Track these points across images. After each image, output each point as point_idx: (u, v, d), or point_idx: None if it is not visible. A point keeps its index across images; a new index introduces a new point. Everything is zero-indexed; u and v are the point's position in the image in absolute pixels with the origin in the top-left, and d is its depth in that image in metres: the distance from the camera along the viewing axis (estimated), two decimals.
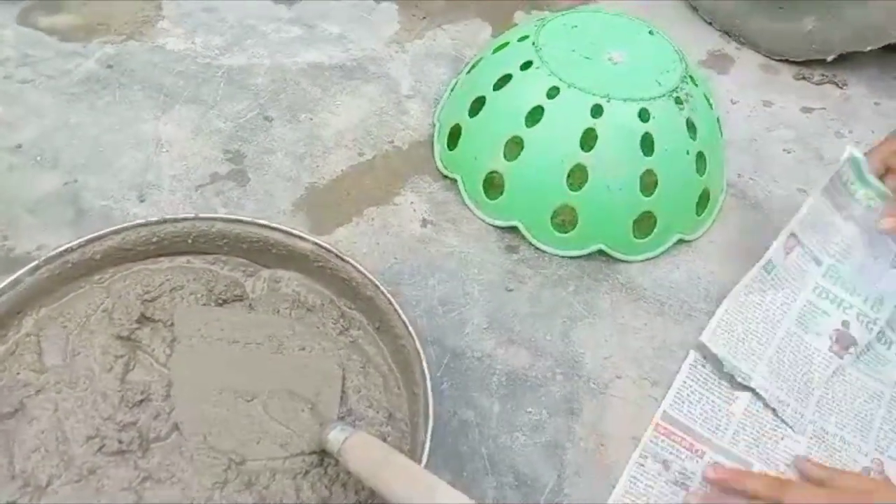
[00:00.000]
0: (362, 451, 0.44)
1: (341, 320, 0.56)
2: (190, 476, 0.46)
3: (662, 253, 0.69)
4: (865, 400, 0.61)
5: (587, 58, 0.67)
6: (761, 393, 0.60)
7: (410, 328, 0.52)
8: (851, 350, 0.62)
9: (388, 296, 0.53)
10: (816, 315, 0.63)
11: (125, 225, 0.54)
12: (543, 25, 0.69)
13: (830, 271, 0.64)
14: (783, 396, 0.60)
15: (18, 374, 0.49)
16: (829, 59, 0.89)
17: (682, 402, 0.59)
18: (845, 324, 0.63)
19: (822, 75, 0.90)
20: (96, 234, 0.53)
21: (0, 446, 0.46)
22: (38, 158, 0.69)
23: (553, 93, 0.64)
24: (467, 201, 0.70)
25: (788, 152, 0.81)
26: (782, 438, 0.58)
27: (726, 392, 0.60)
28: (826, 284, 0.64)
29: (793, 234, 0.64)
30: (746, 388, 0.60)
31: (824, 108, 0.87)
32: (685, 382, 0.61)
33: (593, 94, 0.63)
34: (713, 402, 0.60)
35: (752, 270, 0.65)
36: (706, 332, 0.63)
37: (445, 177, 0.72)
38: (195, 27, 0.83)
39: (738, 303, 0.64)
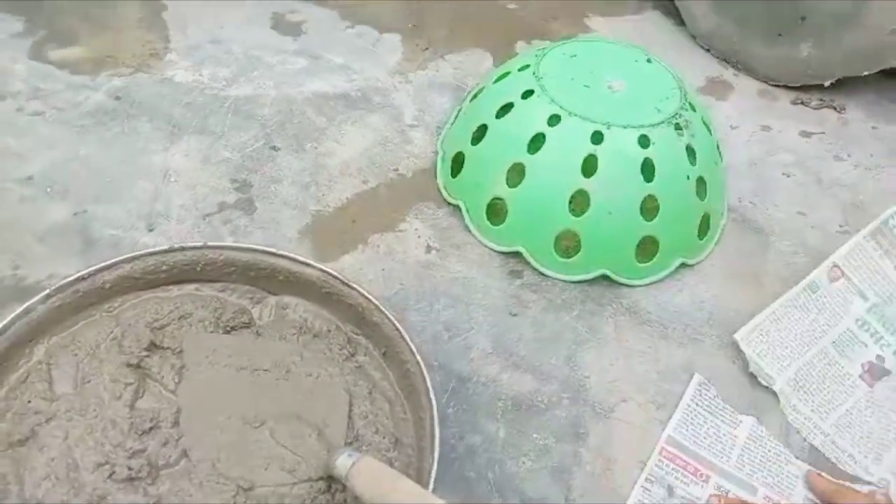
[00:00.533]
0: (369, 477, 0.44)
1: (347, 346, 0.56)
2: (199, 502, 0.46)
3: (665, 277, 0.69)
4: (885, 428, 0.61)
5: (587, 86, 0.68)
6: (780, 397, 0.61)
7: (416, 354, 0.52)
8: (883, 380, 0.63)
9: (394, 321, 0.54)
10: (854, 344, 0.64)
11: (135, 254, 0.55)
12: (544, 55, 0.70)
13: (875, 309, 0.65)
14: (801, 406, 0.61)
15: (30, 401, 0.50)
16: (827, 84, 0.90)
17: (687, 426, 0.60)
18: (880, 358, 0.64)
19: (820, 100, 0.91)
20: (106, 262, 0.54)
21: (11, 473, 0.47)
22: (49, 189, 0.70)
23: (554, 120, 0.65)
24: (471, 227, 0.71)
25: (788, 176, 0.82)
26: (787, 463, 0.58)
27: (730, 416, 0.61)
28: (869, 319, 0.65)
29: (836, 266, 0.66)
30: (750, 414, 0.61)
31: (823, 133, 0.88)
32: (689, 406, 0.61)
33: (593, 122, 0.64)
34: (718, 425, 0.60)
35: (794, 289, 0.66)
36: (741, 332, 0.64)
37: (449, 203, 0.73)
38: (202, 59, 0.85)
39: (779, 314, 0.65)
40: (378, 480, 0.44)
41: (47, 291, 0.52)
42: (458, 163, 0.72)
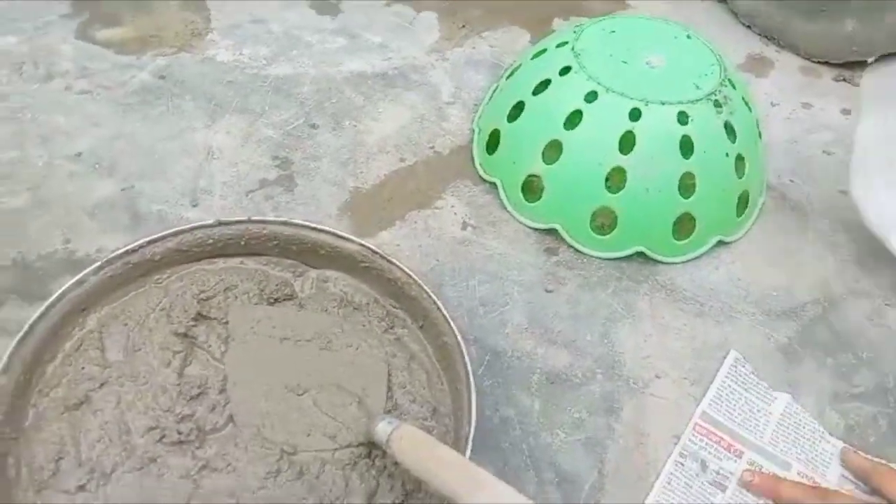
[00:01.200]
0: (409, 443, 0.45)
1: (386, 319, 0.57)
2: (244, 465, 0.48)
3: (702, 254, 0.69)
4: None
5: (625, 62, 0.68)
6: None
7: (453, 326, 0.53)
8: None
9: (432, 295, 0.55)
10: None
11: (182, 227, 0.57)
12: (582, 31, 0.70)
13: None
14: None
15: (83, 368, 0.52)
16: (871, 60, 0.88)
17: (721, 402, 0.60)
18: None
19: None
20: (156, 235, 0.56)
21: (68, 436, 0.49)
22: (97, 166, 0.72)
23: (591, 97, 0.65)
24: (507, 205, 0.72)
25: (828, 154, 0.81)
26: (822, 440, 0.58)
27: (765, 392, 0.61)
28: None
29: None
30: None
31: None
32: (724, 382, 0.61)
33: (631, 98, 0.64)
34: (752, 401, 0.60)
35: None
36: None
37: (485, 181, 0.74)
38: (243, 39, 0.86)
39: None
40: (418, 446, 0.45)
41: (99, 263, 0.54)
42: (494, 140, 0.73)
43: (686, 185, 0.65)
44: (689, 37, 0.71)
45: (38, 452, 0.48)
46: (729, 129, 0.66)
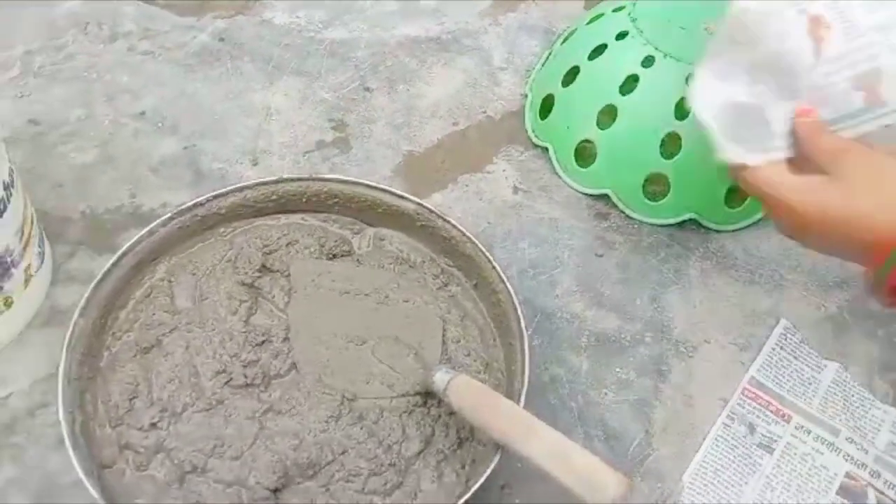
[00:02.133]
0: (467, 392, 0.47)
1: (441, 276, 0.59)
2: (307, 409, 0.51)
3: (754, 223, 0.69)
4: None
5: (682, 28, 0.67)
6: None
7: (508, 284, 0.54)
8: None
9: (487, 254, 0.56)
10: None
11: (247, 183, 0.59)
12: None
13: None
14: None
15: (154, 314, 0.55)
16: None
17: (771, 368, 0.61)
18: None
19: None
20: (221, 190, 0.58)
21: (141, 377, 0.52)
22: (160, 125, 0.74)
23: (648, 62, 0.65)
24: (558, 170, 0.72)
25: (887, 126, 0.80)
26: (871, 407, 0.59)
27: (815, 360, 0.61)
28: None
29: None
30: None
31: None
32: (774, 349, 0.62)
33: (689, 63, 0.64)
34: (801, 369, 0.61)
35: None
36: None
37: (536, 146, 0.75)
38: (298, 2, 0.87)
39: None
40: (475, 395, 0.47)
41: (169, 214, 0.57)
42: (547, 105, 0.73)
43: None
44: None
45: (113, 391, 0.51)
46: None
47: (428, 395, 0.51)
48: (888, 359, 0.62)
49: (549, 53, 0.79)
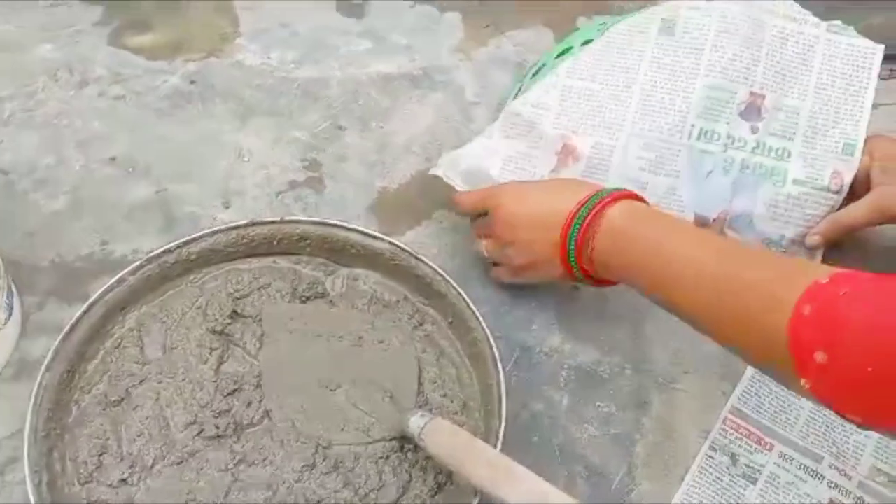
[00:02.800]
0: (442, 436, 0.46)
1: (416, 316, 0.58)
2: (280, 459, 0.50)
3: None
4: None
5: None
6: None
7: (482, 322, 0.54)
8: None
9: (461, 291, 0.56)
10: None
11: (217, 228, 0.58)
12: (606, 28, 0.71)
13: None
14: None
15: (123, 365, 0.54)
16: None
17: (751, 397, 0.60)
18: None
19: (891, 70, 0.89)
20: (192, 236, 0.58)
21: (110, 431, 0.51)
22: (131, 169, 0.74)
23: None
24: None
25: None
26: (852, 433, 0.58)
27: None
28: None
29: None
30: None
31: (893, 104, 0.86)
32: (753, 377, 0.61)
33: None
34: (782, 396, 0.60)
35: None
36: None
37: None
38: (270, 43, 0.87)
39: None
40: (451, 439, 0.46)
41: (138, 262, 0.56)
42: None
43: None
44: None
45: (81, 447, 0.50)
46: None
47: (404, 440, 0.50)
48: None
49: (520, 87, 0.79)
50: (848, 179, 0.64)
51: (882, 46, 0.67)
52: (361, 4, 0.93)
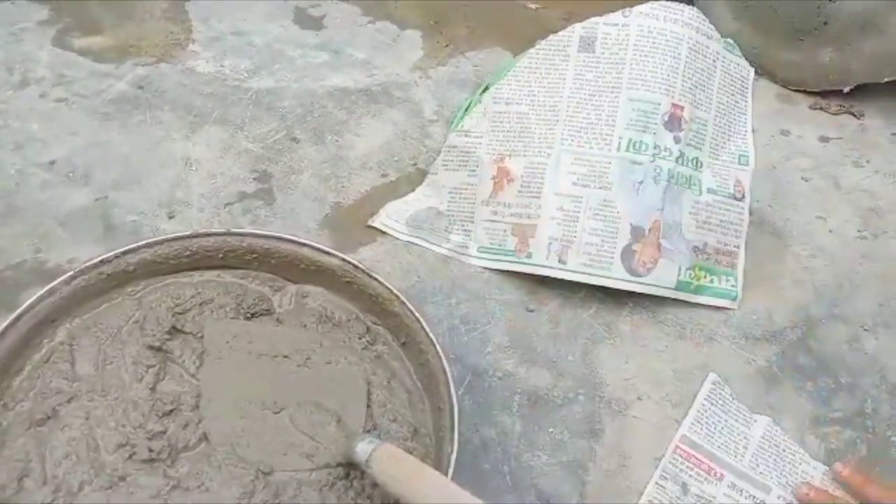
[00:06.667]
0: (389, 463, 0.44)
1: (367, 335, 0.56)
2: (218, 486, 0.47)
3: None
4: None
5: None
6: None
7: (436, 344, 0.52)
8: None
9: (415, 312, 0.54)
10: None
11: (158, 238, 0.55)
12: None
13: None
14: None
15: (51, 381, 0.50)
16: (846, 89, 0.90)
17: (702, 425, 0.60)
18: None
19: (840, 105, 0.91)
20: (130, 246, 0.55)
21: (33, 452, 0.47)
22: (71, 175, 0.71)
23: None
24: None
25: (806, 180, 0.82)
26: (802, 462, 0.58)
27: (745, 415, 0.61)
28: None
29: None
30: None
31: (841, 138, 0.88)
32: (704, 405, 0.61)
33: None
34: (732, 425, 0.60)
35: None
36: None
37: None
38: (224, 51, 0.85)
39: None
40: (399, 466, 0.44)
41: (71, 273, 0.53)
42: None
43: None
44: None
45: (0, 470, 0.46)
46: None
47: (350, 466, 0.48)
48: (818, 412, 0.62)
49: (470, 102, 0.78)
50: (748, 187, 0.70)
51: (752, 69, 0.81)
52: (319, 17, 0.92)
